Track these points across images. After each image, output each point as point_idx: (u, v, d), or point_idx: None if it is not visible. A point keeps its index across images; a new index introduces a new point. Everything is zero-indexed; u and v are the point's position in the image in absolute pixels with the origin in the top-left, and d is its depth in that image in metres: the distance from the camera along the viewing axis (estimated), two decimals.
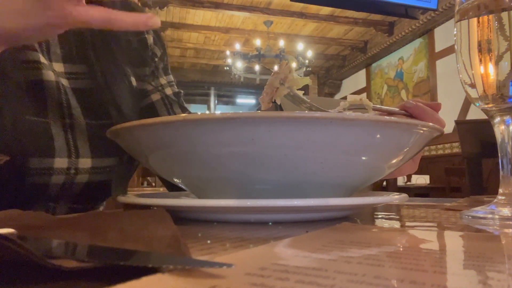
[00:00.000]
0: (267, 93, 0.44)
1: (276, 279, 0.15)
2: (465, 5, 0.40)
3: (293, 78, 0.43)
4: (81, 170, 0.50)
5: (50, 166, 0.47)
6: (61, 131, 0.49)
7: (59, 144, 0.48)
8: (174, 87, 0.68)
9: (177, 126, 0.31)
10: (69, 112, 0.50)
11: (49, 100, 0.49)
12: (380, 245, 0.23)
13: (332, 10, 5.33)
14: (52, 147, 0.48)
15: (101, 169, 0.52)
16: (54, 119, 0.49)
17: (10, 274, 0.17)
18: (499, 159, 0.38)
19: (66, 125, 0.50)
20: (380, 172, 0.38)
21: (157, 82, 0.66)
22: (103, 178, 0.53)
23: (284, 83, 0.43)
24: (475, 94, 0.39)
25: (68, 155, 0.49)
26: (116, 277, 0.14)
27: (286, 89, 0.43)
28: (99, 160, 0.51)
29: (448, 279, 0.16)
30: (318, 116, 0.30)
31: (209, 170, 0.34)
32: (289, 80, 0.43)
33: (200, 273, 0.15)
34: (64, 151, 0.48)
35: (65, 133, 0.49)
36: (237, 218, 0.34)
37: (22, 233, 0.20)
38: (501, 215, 0.35)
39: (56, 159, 0.48)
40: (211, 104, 8.54)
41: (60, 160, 0.48)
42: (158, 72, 0.66)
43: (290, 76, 0.43)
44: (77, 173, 0.49)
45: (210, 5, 5.15)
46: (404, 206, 0.55)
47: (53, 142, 0.48)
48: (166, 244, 0.20)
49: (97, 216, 0.30)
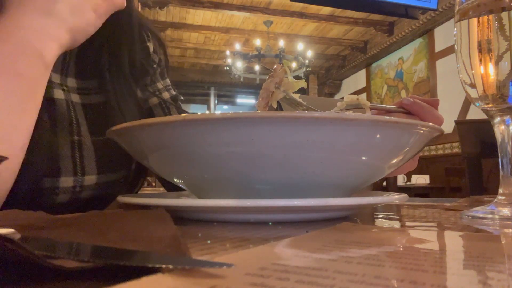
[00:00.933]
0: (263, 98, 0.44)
1: (276, 279, 0.15)
2: (465, 5, 0.40)
3: (288, 81, 0.43)
4: (86, 187, 0.50)
5: (56, 186, 0.47)
6: (68, 150, 0.49)
7: (65, 163, 0.48)
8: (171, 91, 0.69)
9: (177, 126, 0.31)
10: (77, 130, 0.50)
11: (59, 118, 0.49)
12: (380, 245, 0.23)
13: (332, 10, 5.33)
14: (58, 166, 0.47)
15: (106, 184, 0.52)
16: (63, 137, 0.49)
17: (10, 274, 0.17)
18: (499, 159, 0.38)
19: (74, 143, 0.49)
20: (380, 172, 0.38)
21: (154, 87, 0.66)
22: (108, 191, 0.53)
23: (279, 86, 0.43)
24: (475, 94, 0.39)
25: (73, 173, 0.48)
26: (116, 277, 0.14)
27: (282, 92, 0.43)
28: (104, 176, 0.51)
29: (448, 279, 0.16)
30: (318, 116, 0.30)
31: (209, 170, 0.34)
32: (285, 84, 0.43)
33: (200, 273, 0.15)
34: (70, 170, 0.48)
35: (72, 151, 0.49)
36: (237, 218, 0.34)
37: (22, 233, 0.20)
38: (501, 215, 0.35)
39: (62, 178, 0.48)
40: (211, 104, 8.54)
41: (66, 179, 0.48)
42: (155, 77, 0.67)
43: (285, 80, 0.43)
44: (82, 190, 0.49)
45: (210, 5, 5.15)
46: (404, 206, 0.55)
47: (60, 161, 0.48)
48: (166, 244, 0.20)
49: (97, 216, 0.30)
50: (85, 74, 0.55)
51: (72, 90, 0.53)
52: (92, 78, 0.55)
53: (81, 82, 0.55)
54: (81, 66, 0.55)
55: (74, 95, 0.53)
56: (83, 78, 0.55)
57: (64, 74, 0.53)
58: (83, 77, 0.55)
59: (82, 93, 0.54)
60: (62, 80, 0.52)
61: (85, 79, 0.55)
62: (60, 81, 0.52)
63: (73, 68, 0.54)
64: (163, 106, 0.66)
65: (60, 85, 0.52)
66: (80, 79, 0.55)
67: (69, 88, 0.53)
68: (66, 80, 0.53)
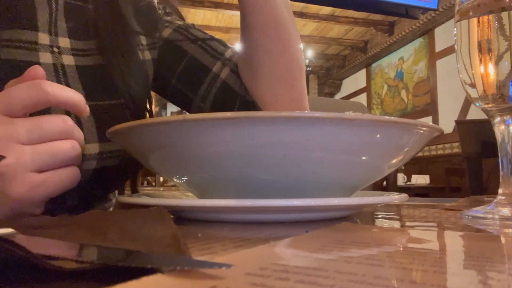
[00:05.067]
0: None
1: (276, 279, 0.15)
2: (465, 5, 0.40)
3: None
4: (88, 156, 0.46)
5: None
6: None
7: None
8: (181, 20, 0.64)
9: (177, 126, 0.31)
10: None
11: None
12: (380, 245, 0.23)
13: (332, 10, 5.33)
14: None
15: (109, 153, 0.48)
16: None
17: (10, 275, 0.17)
18: (499, 159, 0.38)
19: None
20: (380, 172, 0.38)
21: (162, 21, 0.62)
22: (113, 164, 0.49)
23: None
24: (475, 94, 0.39)
25: None
26: (116, 277, 0.14)
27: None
28: (107, 145, 0.47)
29: (448, 279, 0.16)
30: (318, 116, 0.30)
31: (209, 170, 0.34)
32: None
33: (199, 273, 0.15)
34: None
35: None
36: (237, 218, 0.34)
37: (22, 233, 0.20)
38: (501, 215, 0.35)
39: None
40: None
41: None
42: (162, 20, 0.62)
43: None
44: (84, 159, 0.46)
45: (210, 5, 5.15)
46: (404, 206, 0.55)
47: None
48: (166, 244, 0.20)
49: (97, 215, 0.30)
50: (79, 34, 0.50)
51: (65, 51, 0.48)
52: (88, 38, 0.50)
53: (76, 42, 0.49)
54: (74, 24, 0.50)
55: (67, 57, 0.48)
56: (78, 38, 0.50)
57: (54, 34, 0.48)
58: (78, 36, 0.50)
59: (77, 54, 0.49)
60: (51, 41, 0.47)
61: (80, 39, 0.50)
62: (50, 42, 0.47)
63: (64, 26, 0.49)
64: (180, 31, 0.61)
65: (50, 47, 0.47)
66: (74, 39, 0.49)
67: (61, 49, 0.48)
68: (57, 40, 0.48)
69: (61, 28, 0.49)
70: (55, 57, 0.47)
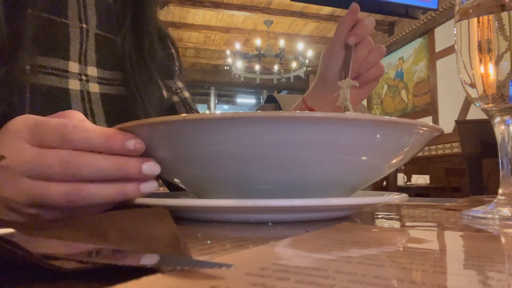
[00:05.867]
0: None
1: (276, 279, 0.15)
2: (465, 5, 0.40)
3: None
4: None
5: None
6: None
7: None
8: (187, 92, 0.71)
9: (177, 126, 0.31)
10: (92, 120, 0.51)
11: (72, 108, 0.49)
12: (380, 245, 0.23)
13: (332, 10, 5.33)
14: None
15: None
16: None
17: (10, 275, 0.17)
18: (499, 159, 0.38)
19: None
20: (380, 172, 0.38)
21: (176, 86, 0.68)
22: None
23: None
24: (475, 94, 0.39)
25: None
26: (116, 277, 0.14)
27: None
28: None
29: (448, 279, 0.16)
30: (318, 116, 0.30)
31: (209, 170, 0.34)
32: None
33: (199, 273, 0.15)
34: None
35: None
36: (237, 218, 0.34)
37: (22, 233, 0.20)
38: (501, 215, 0.35)
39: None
40: (211, 104, 8.54)
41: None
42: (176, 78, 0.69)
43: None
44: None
45: (210, 5, 5.15)
46: (404, 206, 0.55)
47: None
48: (166, 243, 0.20)
49: (97, 216, 0.30)
50: (106, 65, 0.55)
51: (92, 79, 0.53)
52: (114, 69, 0.55)
53: (103, 71, 0.55)
54: (102, 54, 0.55)
55: (93, 84, 0.53)
56: (105, 68, 0.55)
57: (83, 63, 0.53)
58: (105, 66, 0.55)
59: (103, 83, 0.54)
60: (81, 70, 0.52)
61: (107, 69, 0.55)
62: (79, 71, 0.52)
63: (93, 56, 0.54)
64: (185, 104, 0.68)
65: (79, 75, 0.52)
66: (102, 69, 0.54)
67: (89, 77, 0.52)
68: (86, 69, 0.53)
69: (90, 58, 0.54)
70: (83, 85, 0.52)
